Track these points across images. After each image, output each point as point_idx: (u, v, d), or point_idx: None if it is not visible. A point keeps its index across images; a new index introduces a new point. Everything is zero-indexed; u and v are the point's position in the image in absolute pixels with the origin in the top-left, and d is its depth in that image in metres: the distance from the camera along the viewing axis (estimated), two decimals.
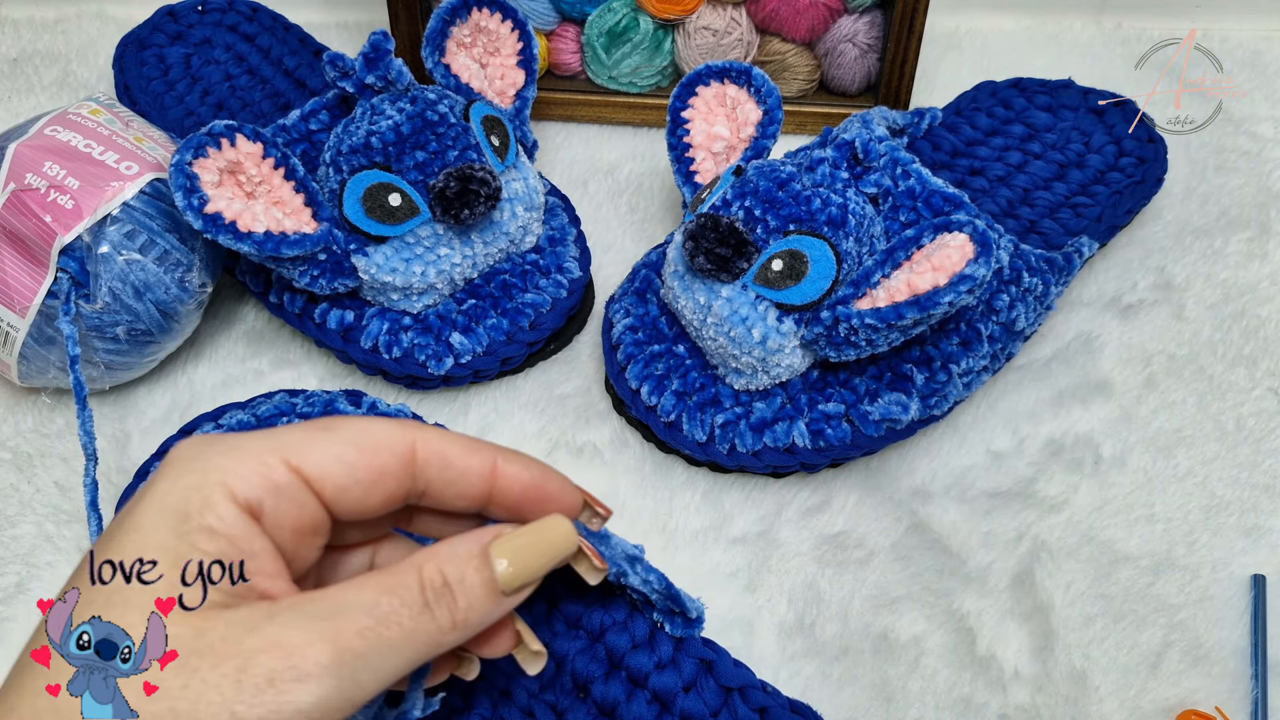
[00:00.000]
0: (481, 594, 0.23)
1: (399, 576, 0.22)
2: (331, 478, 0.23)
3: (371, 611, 0.21)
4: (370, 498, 0.23)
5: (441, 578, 0.22)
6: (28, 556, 0.39)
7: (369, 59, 0.43)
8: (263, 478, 0.22)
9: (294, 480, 0.22)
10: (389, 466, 0.23)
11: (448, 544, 0.23)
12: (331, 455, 0.23)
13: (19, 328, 0.40)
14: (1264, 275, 0.48)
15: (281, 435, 0.23)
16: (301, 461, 0.22)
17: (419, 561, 0.23)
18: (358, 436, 0.23)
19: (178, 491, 0.22)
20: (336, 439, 0.23)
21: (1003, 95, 0.50)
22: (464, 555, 0.23)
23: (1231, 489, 0.41)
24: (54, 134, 0.41)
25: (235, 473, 0.22)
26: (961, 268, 0.36)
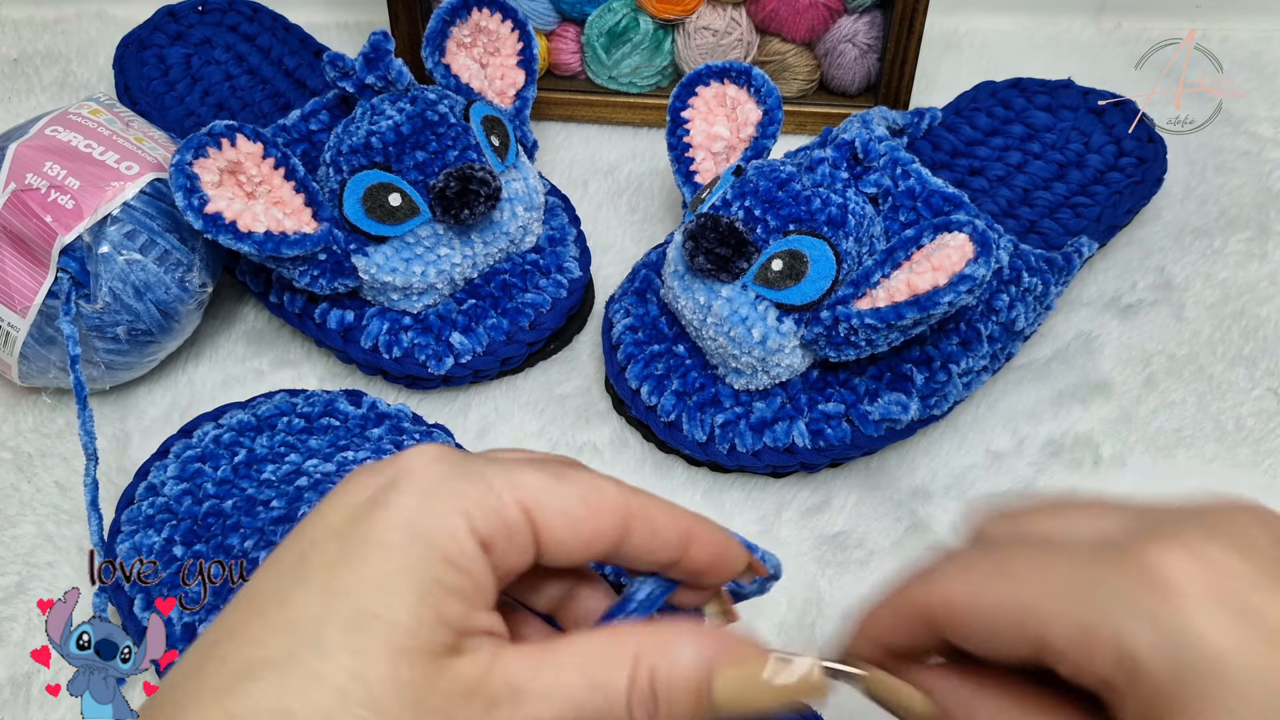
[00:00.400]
0: (684, 712, 0.21)
1: (613, 671, 0.21)
2: (555, 529, 0.21)
3: (573, 709, 0.20)
4: (580, 555, 0.22)
5: (651, 686, 0.21)
6: (28, 556, 0.39)
7: (369, 59, 0.43)
8: (500, 517, 0.21)
9: (525, 526, 0.21)
10: (606, 530, 0.22)
11: (671, 644, 0.21)
12: (561, 507, 0.22)
13: (19, 327, 0.40)
14: (1263, 275, 0.48)
15: (522, 475, 0.22)
16: (535, 508, 0.21)
17: (637, 651, 0.21)
18: (588, 495, 0.22)
19: (426, 515, 0.20)
20: (569, 492, 0.22)
21: (1002, 95, 0.50)
22: (685, 666, 0.21)
23: (1231, 489, 0.41)
24: (54, 134, 0.41)
25: (478, 504, 0.21)
26: (961, 268, 0.36)
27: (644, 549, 0.23)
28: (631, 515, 0.22)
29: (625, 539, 0.22)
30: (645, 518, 0.23)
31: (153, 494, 0.37)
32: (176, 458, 0.38)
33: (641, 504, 0.23)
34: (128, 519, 0.37)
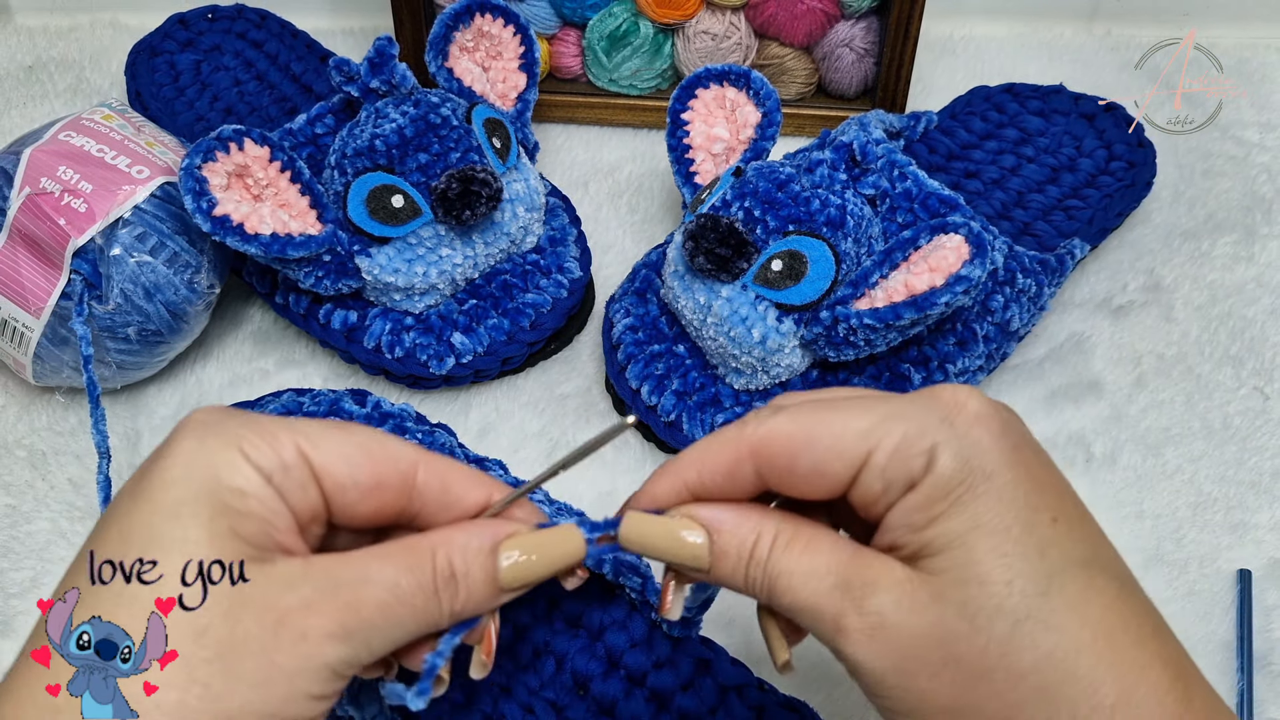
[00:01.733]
0: (482, 590, 0.24)
1: (417, 557, 0.23)
2: (334, 473, 0.24)
3: (392, 589, 0.23)
4: (365, 502, 0.24)
5: (450, 568, 0.24)
6: (42, 552, 0.40)
7: (374, 64, 0.43)
8: (274, 452, 0.23)
9: (301, 463, 0.23)
10: (389, 478, 0.24)
11: (462, 532, 0.24)
12: (339, 452, 0.24)
13: (34, 328, 0.40)
14: (1250, 277, 0.48)
15: (295, 422, 0.24)
16: (310, 450, 0.23)
17: (434, 544, 0.24)
18: (368, 442, 0.24)
19: (204, 453, 0.23)
20: (347, 439, 0.24)
21: (996, 100, 0.51)
22: (475, 549, 0.24)
23: (1218, 486, 0.42)
24: (68, 139, 0.41)
25: (251, 442, 0.23)
26: (957, 269, 0.36)
27: (438, 507, 0.25)
28: (415, 469, 0.24)
29: (414, 495, 0.24)
30: (434, 474, 0.25)
31: None
32: None
33: (430, 462, 0.25)
34: None
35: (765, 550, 0.24)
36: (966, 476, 0.22)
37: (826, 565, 0.23)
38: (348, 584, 0.22)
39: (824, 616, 0.23)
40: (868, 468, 0.23)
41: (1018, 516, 0.22)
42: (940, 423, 0.23)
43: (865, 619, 0.22)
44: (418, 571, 0.23)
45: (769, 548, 0.24)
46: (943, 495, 0.22)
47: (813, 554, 0.23)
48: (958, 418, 0.23)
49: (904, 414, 0.23)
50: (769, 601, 0.24)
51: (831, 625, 0.23)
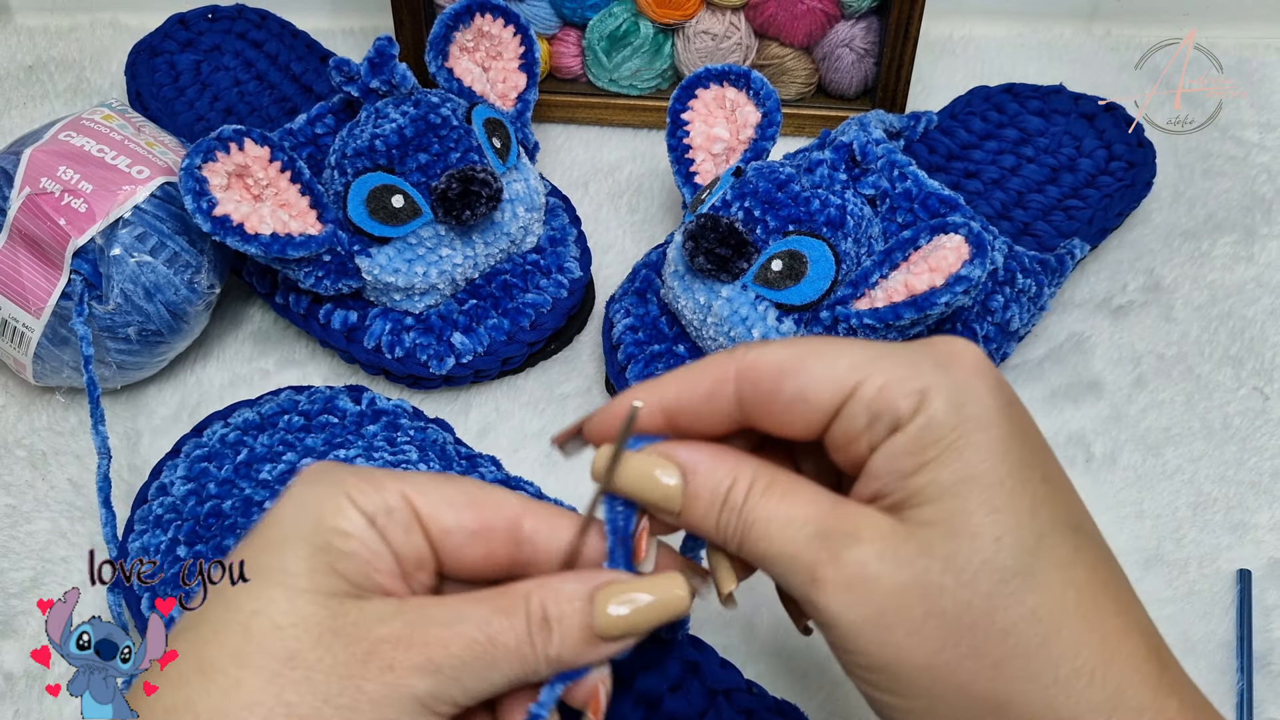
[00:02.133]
0: (577, 638, 0.23)
1: (510, 600, 0.23)
2: (439, 517, 0.24)
3: (483, 627, 0.23)
4: (471, 549, 0.24)
5: (543, 612, 0.23)
6: (42, 551, 0.40)
7: (374, 64, 0.43)
8: (380, 498, 0.24)
9: (404, 508, 0.24)
10: (494, 524, 0.24)
11: (558, 578, 0.24)
12: (443, 498, 0.24)
13: (34, 328, 0.40)
14: (1249, 277, 0.48)
15: (403, 472, 0.25)
16: (414, 495, 0.24)
17: (529, 589, 0.23)
18: (474, 491, 0.24)
19: (312, 497, 0.24)
20: (451, 486, 0.24)
21: (996, 100, 0.51)
22: (569, 595, 0.23)
23: (1218, 486, 0.42)
24: (68, 139, 0.41)
25: (358, 488, 0.24)
26: (957, 269, 0.36)
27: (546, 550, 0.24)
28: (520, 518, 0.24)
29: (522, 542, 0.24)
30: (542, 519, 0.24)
31: (162, 494, 0.38)
32: (186, 457, 0.39)
33: (538, 507, 0.25)
34: (140, 518, 0.37)
35: (741, 495, 0.23)
36: (960, 423, 0.21)
37: (805, 514, 0.22)
38: (438, 621, 0.23)
39: (799, 566, 0.22)
40: (853, 399, 0.22)
41: (1011, 471, 0.21)
42: (935, 367, 0.22)
43: (843, 570, 0.21)
44: (510, 613, 0.23)
45: (745, 492, 0.23)
46: (934, 440, 0.21)
47: (791, 502, 0.23)
48: (954, 365, 0.22)
49: (898, 355, 0.22)
50: (740, 550, 0.23)
51: (806, 575, 0.22)
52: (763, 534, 0.23)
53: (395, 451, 0.38)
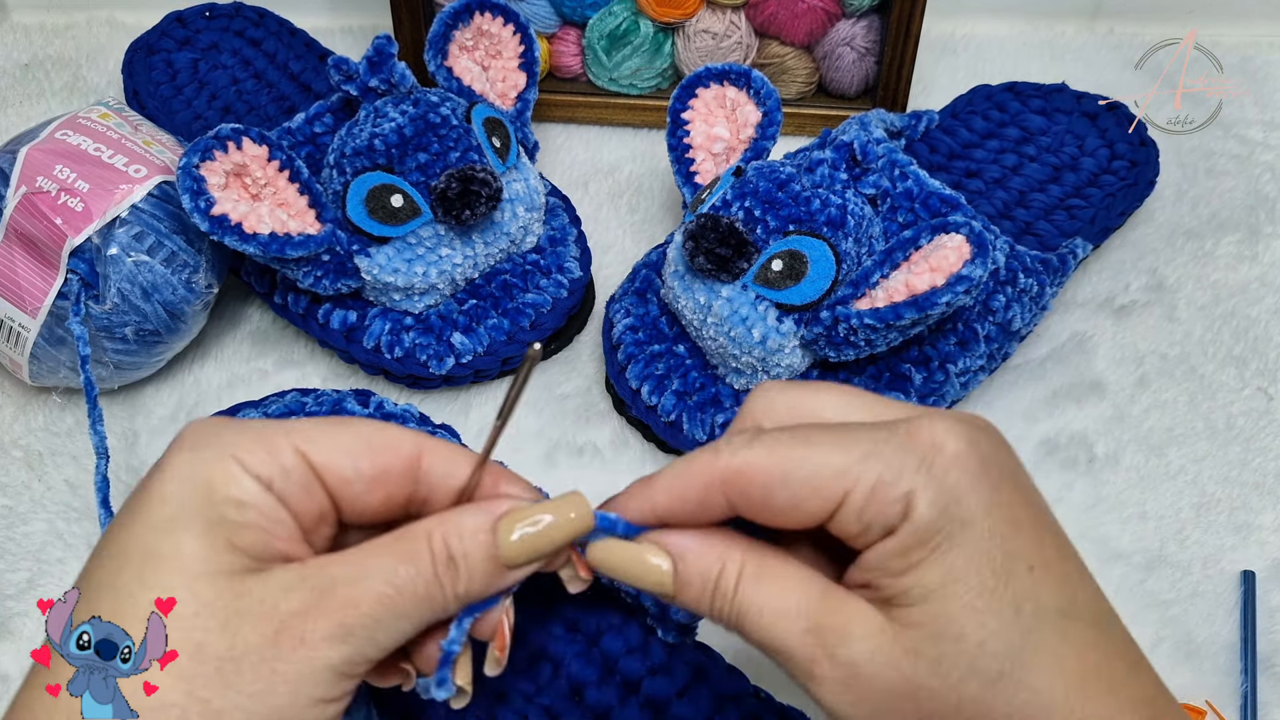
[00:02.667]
0: (485, 569, 0.23)
1: (412, 544, 0.23)
2: (336, 469, 0.23)
3: (390, 580, 0.22)
4: (372, 494, 0.24)
5: (447, 550, 0.23)
6: (38, 553, 0.40)
7: (372, 62, 0.43)
8: (272, 458, 0.23)
9: (301, 465, 0.23)
10: (393, 466, 0.24)
11: (457, 513, 0.24)
12: (339, 447, 0.23)
13: (30, 328, 0.40)
14: (1253, 277, 0.48)
15: (292, 424, 0.24)
16: (309, 449, 0.23)
17: (429, 529, 0.23)
18: (367, 433, 0.24)
19: (199, 465, 0.23)
20: (345, 433, 0.24)
21: (998, 99, 0.51)
22: (471, 528, 0.23)
23: (1222, 487, 0.42)
24: (64, 138, 0.41)
25: (247, 449, 0.23)
26: (958, 268, 0.36)
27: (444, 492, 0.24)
28: (419, 455, 0.24)
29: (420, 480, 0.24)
30: (440, 457, 0.24)
31: None
32: None
33: (433, 447, 0.24)
34: None
35: (731, 583, 0.23)
36: (944, 525, 0.22)
37: (797, 605, 0.23)
38: (344, 581, 0.22)
39: (796, 660, 0.23)
40: (845, 507, 0.22)
41: (994, 568, 0.22)
42: (918, 466, 0.22)
43: (838, 669, 0.22)
44: (415, 558, 0.23)
45: (735, 580, 0.23)
46: (920, 543, 0.22)
47: (782, 590, 0.23)
48: (936, 460, 0.22)
49: (881, 454, 0.22)
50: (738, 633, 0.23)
51: (804, 670, 0.22)
52: (755, 625, 0.23)
53: None
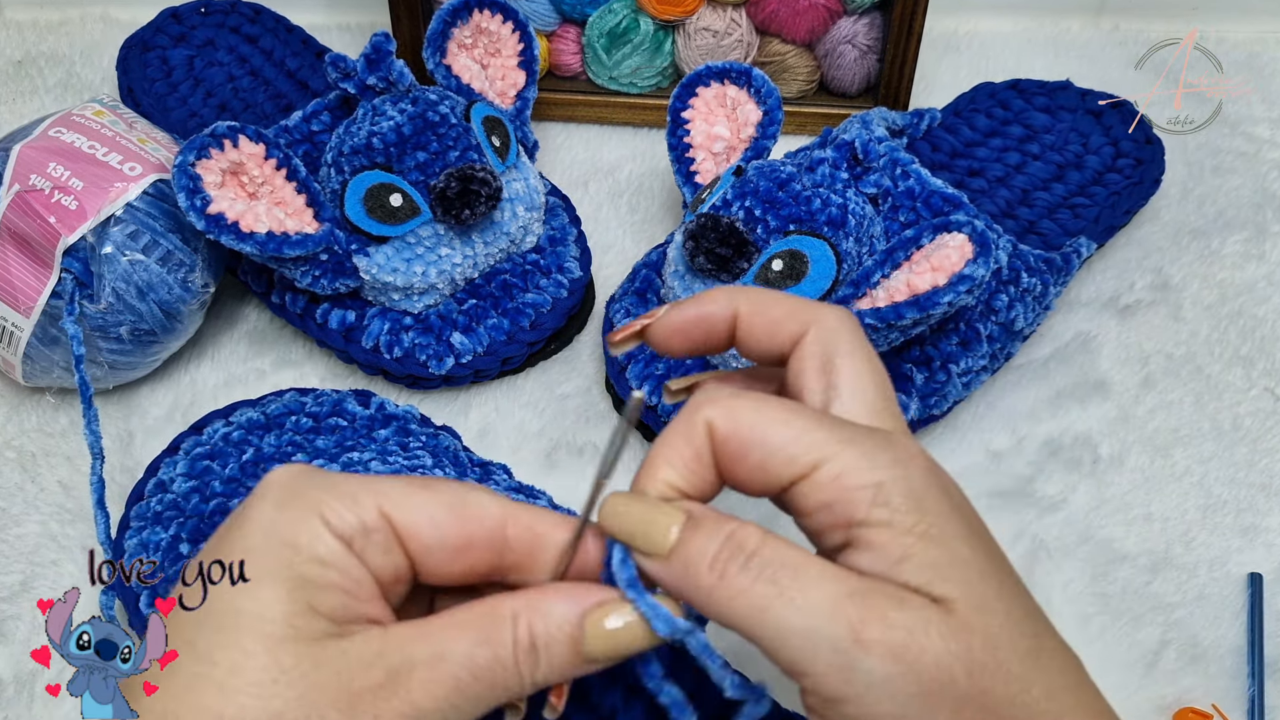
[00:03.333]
0: (564, 660, 0.22)
1: (496, 627, 0.22)
2: (420, 536, 0.23)
3: (468, 666, 0.22)
4: (455, 564, 0.23)
5: (530, 639, 0.22)
6: (32, 555, 0.40)
7: (370, 60, 0.43)
8: (356, 518, 0.22)
9: (384, 527, 0.23)
10: (477, 538, 0.23)
11: (547, 598, 0.23)
12: (425, 514, 0.23)
13: (24, 327, 0.40)
14: (1260, 275, 0.48)
15: (381, 483, 0.23)
16: (394, 511, 0.23)
17: (515, 610, 0.22)
18: (454, 501, 0.23)
19: (284, 521, 0.22)
20: (433, 499, 0.23)
21: (1001, 97, 0.51)
22: (559, 619, 0.22)
23: (1228, 488, 0.42)
24: (58, 135, 0.41)
25: (332, 508, 0.22)
26: (960, 268, 0.36)
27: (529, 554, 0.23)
28: (504, 526, 0.23)
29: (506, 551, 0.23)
30: (524, 525, 0.23)
31: (162, 490, 0.37)
32: (186, 454, 0.38)
33: (519, 511, 0.23)
34: (136, 515, 0.37)
35: (753, 541, 0.21)
36: (924, 515, 0.21)
37: (835, 573, 0.21)
38: (422, 663, 0.22)
39: (835, 623, 0.20)
40: (809, 480, 0.22)
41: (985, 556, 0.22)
42: (892, 462, 0.22)
43: (892, 632, 0.19)
44: (496, 645, 0.22)
45: (758, 539, 0.21)
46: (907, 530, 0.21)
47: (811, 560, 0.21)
48: (910, 463, 0.22)
49: (860, 442, 0.22)
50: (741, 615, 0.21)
51: (847, 635, 0.20)
52: (791, 582, 0.20)
53: (409, 456, 0.38)
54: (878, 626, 0.20)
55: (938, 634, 0.20)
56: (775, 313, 0.26)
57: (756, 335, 0.26)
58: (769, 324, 0.26)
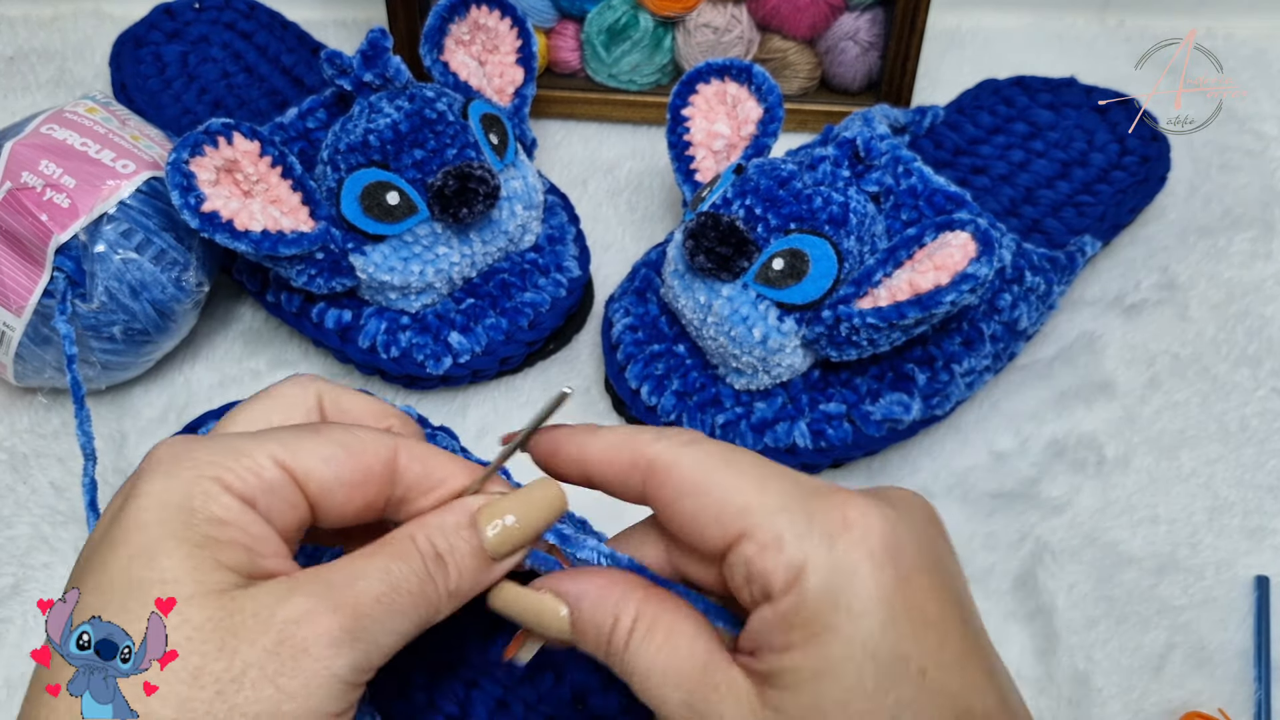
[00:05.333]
0: (471, 563, 0.24)
1: (400, 545, 0.23)
2: (318, 478, 0.23)
3: (384, 579, 0.22)
4: (352, 501, 0.24)
5: (434, 548, 0.23)
6: (23, 557, 0.39)
7: (367, 56, 0.42)
8: (255, 474, 0.22)
9: (284, 478, 0.23)
10: (373, 470, 0.24)
11: (436, 514, 0.24)
12: (319, 456, 0.23)
13: (15, 327, 0.40)
14: (1268, 274, 0.48)
15: (266, 435, 0.23)
16: (290, 460, 0.23)
17: (412, 531, 0.23)
18: (345, 439, 0.24)
19: (175, 487, 0.22)
20: (324, 440, 0.23)
21: (1005, 93, 0.50)
22: (452, 525, 0.24)
23: (1235, 490, 0.41)
24: (50, 132, 0.41)
25: (228, 468, 0.22)
26: (964, 266, 0.36)
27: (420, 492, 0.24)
28: (395, 456, 0.24)
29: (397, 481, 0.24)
30: (415, 456, 0.24)
31: None
32: None
33: (408, 447, 0.24)
34: None
35: (623, 637, 0.23)
36: (828, 610, 0.21)
37: (679, 671, 0.22)
38: (340, 585, 0.22)
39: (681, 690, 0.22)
40: (735, 551, 0.22)
41: (876, 669, 0.21)
42: (822, 538, 0.21)
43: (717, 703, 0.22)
44: (405, 558, 0.23)
45: (626, 634, 0.23)
46: (801, 623, 0.21)
47: (669, 653, 0.23)
48: (841, 539, 0.21)
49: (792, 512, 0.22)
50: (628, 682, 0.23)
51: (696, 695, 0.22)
52: (641, 686, 0.23)
53: None
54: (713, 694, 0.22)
55: (749, 710, 0.21)
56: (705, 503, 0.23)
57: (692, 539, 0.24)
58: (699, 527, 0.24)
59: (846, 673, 0.20)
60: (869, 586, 0.21)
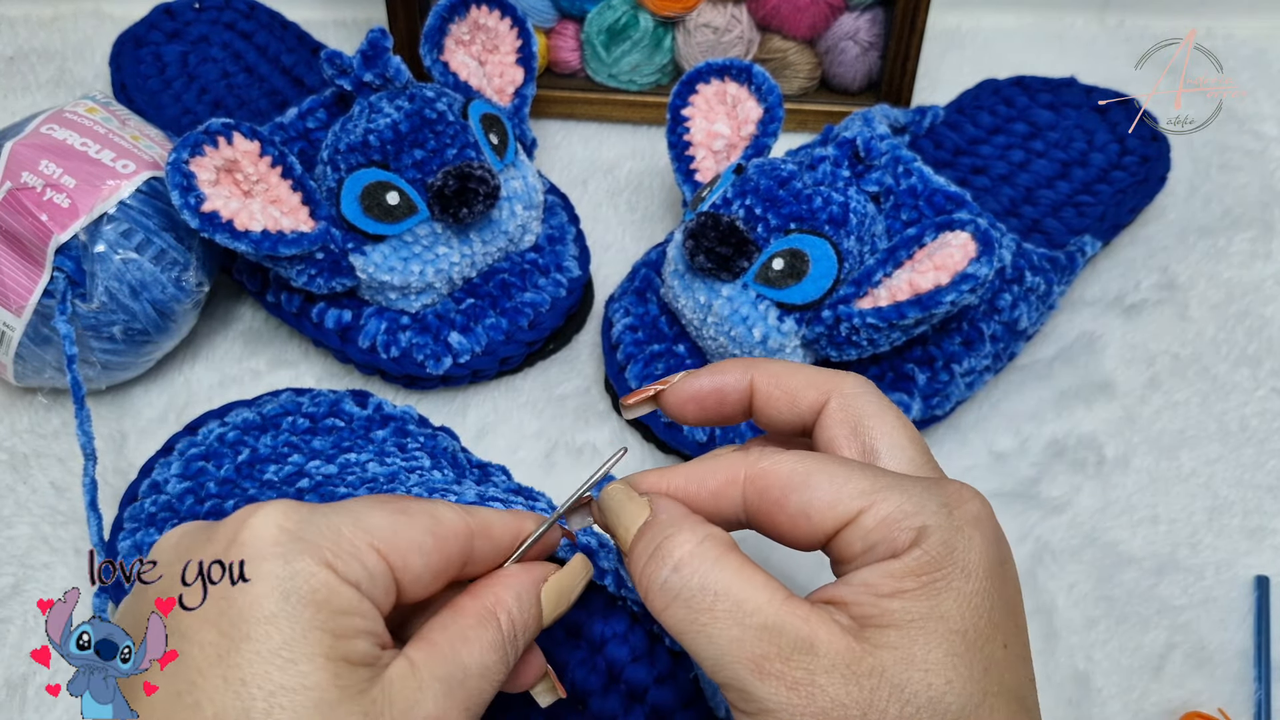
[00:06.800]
0: (532, 634, 0.25)
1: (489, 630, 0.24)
2: (411, 569, 0.24)
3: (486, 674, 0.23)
4: (432, 587, 0.24)
5: (513, 629, 0.24)
6: (24, 558, 0.39)
7: (367, 56, 0.42)
8: (361, 565, 0.23)
9: (384, 568, 0.23)
10: (455, 557, 0.24)
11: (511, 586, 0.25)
12: (414, 545, 0.24)
13: (15, 327, 0.40)
14: (1268, 274, 0.48)
15: (365, 518, 0.23)
16: (388, 550, 0.23)
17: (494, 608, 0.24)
18: (433, 526, 0.24)
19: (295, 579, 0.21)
20: (413, 525, 0.24)
21: (1005, 93, 0.50)
22: (529, 601, 0.25)
23: (1235, 490, 0.41)
24: (50, 132, 0.40)
25: (339, 556, 0.22)
26: (964, 266, 0.36)
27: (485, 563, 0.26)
28: (473, 534, 0.25)
29: (471, 558, 0.25)
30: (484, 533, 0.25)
31: (156, 491, 0.37)
32: (180, 455, 0.38)
33: (479, 520, 0.25)
34: (130, 516, 0.37)
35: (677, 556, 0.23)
36: (948, 566, 0.22)
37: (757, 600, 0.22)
38: (458, 682, 0.23)
39: (741, 651, 0.22)
40: (854, 525, 0.23)
41: (978, 626, 0.22)
42: (940, 508, 0.23)
43: (792, 669, 0.21)
44: (498, 648, 0.24)
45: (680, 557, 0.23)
46: (920, 572, 0.22)
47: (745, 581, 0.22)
48: (958, 510, 0.23)
49: (906, 489, 0.23)
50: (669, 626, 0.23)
51: (750, 664, 0.22)
52: (707, 606, 0.22)
53: (407, 457, 0.38)
54: (779, 663, 0.22)
55: (842, 677, 0.21)
56: (793, 383, 0.26)
57: (776, 406, 0.26)
58: (787, 394, 0.26)
59: (955, 619, 0.22)
60: (981, 553, 0.22)
